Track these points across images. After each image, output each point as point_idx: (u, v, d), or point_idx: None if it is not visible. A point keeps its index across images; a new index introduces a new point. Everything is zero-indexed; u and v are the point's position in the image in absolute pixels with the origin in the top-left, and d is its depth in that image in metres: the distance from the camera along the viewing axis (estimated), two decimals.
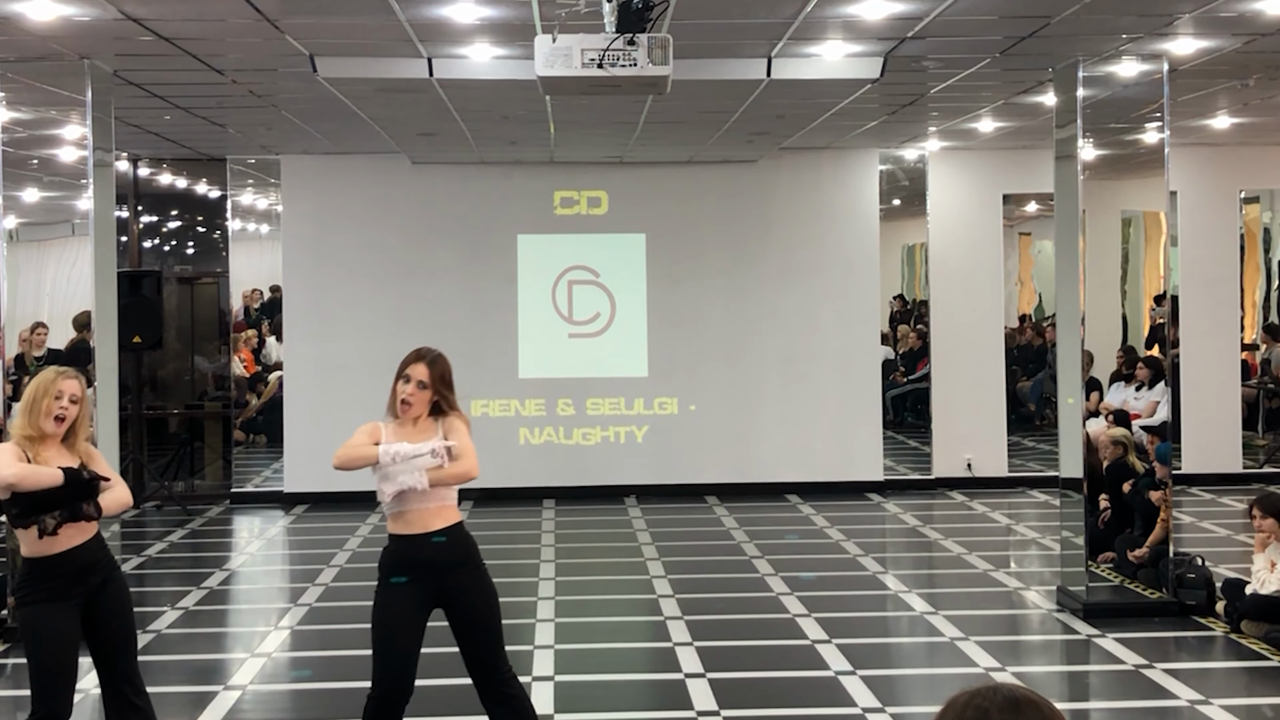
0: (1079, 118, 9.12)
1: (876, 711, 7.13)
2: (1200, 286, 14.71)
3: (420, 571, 5.54)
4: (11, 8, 7.47)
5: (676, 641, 8.53)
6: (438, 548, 5.54)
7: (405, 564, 5.56)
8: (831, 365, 14.61)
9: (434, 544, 5.54)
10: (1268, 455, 15.46)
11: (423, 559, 5.53)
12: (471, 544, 5.66)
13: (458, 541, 5.60)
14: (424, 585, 5.53)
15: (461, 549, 5.60)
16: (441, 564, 5.54)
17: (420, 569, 5.54)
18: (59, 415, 5.49)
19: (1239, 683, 7.92)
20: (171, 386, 16.08)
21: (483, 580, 5.63)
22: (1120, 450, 10.50)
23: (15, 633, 8.84)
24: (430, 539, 5.54)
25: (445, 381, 5.69)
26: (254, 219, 15.71)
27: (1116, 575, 10.02)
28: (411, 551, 5.55)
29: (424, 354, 5.70)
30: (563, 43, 6.27)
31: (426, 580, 5.54)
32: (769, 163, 14.53)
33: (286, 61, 8.96)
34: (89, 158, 9.01)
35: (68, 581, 5.46)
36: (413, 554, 5.54)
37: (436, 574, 5.54)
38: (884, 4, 7.68)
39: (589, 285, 14.58)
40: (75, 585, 5.49)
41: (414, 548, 5.54)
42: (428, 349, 5.76)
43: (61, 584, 5.45)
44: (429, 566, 5.53)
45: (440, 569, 5.55)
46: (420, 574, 5.53)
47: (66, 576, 5.46)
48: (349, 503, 13.56)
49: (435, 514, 5.56)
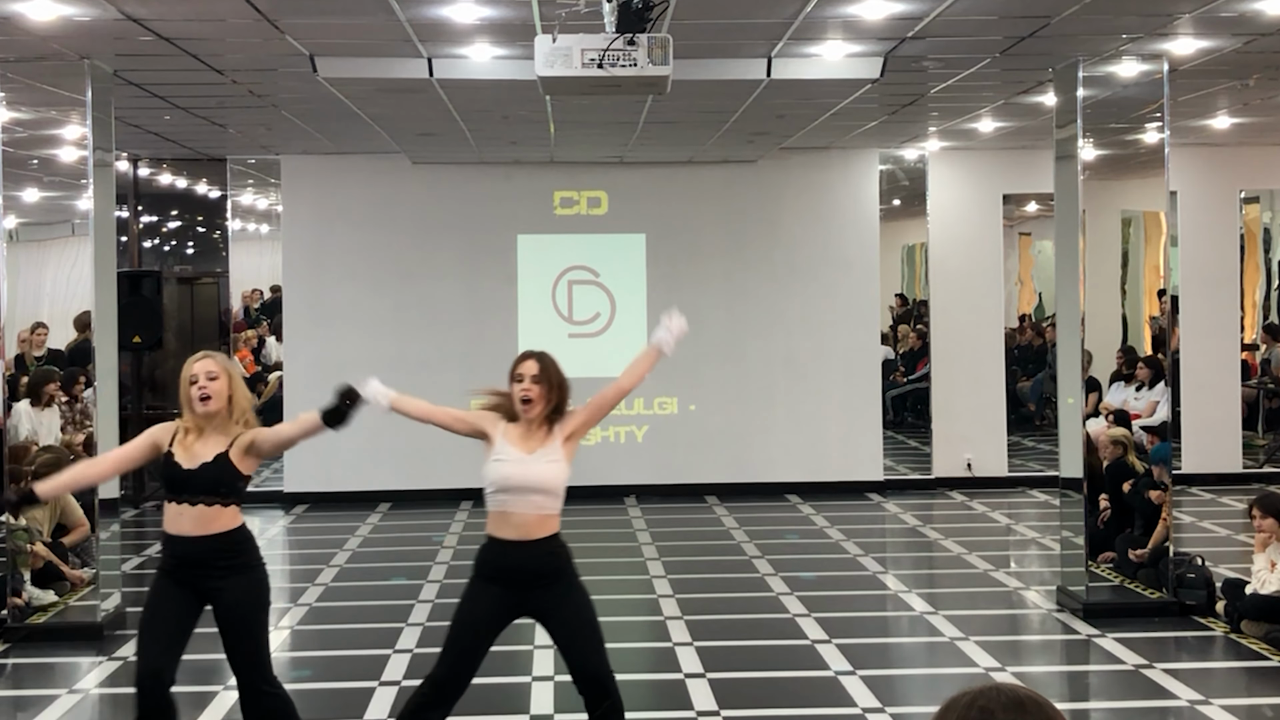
0: (1079, 118, 9.12)
1: (876, 711, 7.13)
2: (1200, 286, 14.71)
3: (507, 578, 5.48)
4: (11, 8, 7.47)
5: (676, 641, 8.54)
6: (527, 558, 5.46)
7: (493, 568, 5.50)
8: (832, 365, 14.60)
9: (523, 553, 5.46)
10: (1268, 455, 15.46)
11: (510, 566, 5.47)
12: (563, 558, 5.53)
13: (548, 554, 5.50)
14: (509, 593, 5.47)
15: (551, 563, 5.50)
16: (529, 576, 5.47)
17: (507, 576, 5.48)
18: (203, 395, 5.51)
19: (1239, 683, 7.92)
20: (171, 386, 16.07)
21: (573, 594, 5.50)
22: (1120, 450, 10.50)
23: (15, 632, 8.86)
24: (521, 547, 5.46)
25: (554, 375, 5.62)
26: (254, 219, 15.71)
27: (1116, 575, 10.02)
28: (502, 557, 5.49)
29: (531, 352, 5.70)
30: (563, 43, 6.27)
31: (512, 588, 5.47)
32: (769, 163, 14.53)
33: (286, 61, 8.95)
34: (89, 158, 9.00)
35: (175, 562, 5.56)
36: (502, 560, 5.49)
37: (523, 584, 5.47)
38: (884, 4, 7.67)
39: (589, 285, 14.58)
40: (182, 569, 5.54)
41: (504, 554, 5.48)
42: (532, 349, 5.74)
43: (170, 561, 5.57)
44: (517, 574, 5.47)
45: (528, 581, 5.47)
46: (506, 581, 5.48)
47: (173, 557, 5.57)
48: (349, 503, 13.56)
49: (534, 523, 5.47)
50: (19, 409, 10.31)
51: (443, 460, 14.15)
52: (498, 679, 7.91)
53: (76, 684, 7.91)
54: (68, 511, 9.98)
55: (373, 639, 8.70)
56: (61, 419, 10.78)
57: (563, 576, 5.52)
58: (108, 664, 8.30)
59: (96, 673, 8.13)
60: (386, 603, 9.71)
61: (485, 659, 5.64)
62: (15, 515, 5.48)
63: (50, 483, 5.72)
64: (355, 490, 13.61)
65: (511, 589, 5.48)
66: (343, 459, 13.70)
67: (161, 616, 5.52)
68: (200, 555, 5.48)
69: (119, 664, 8.30)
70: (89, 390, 9.59)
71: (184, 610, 5.54)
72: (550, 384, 5.60)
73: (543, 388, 5.58)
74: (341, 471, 14.04)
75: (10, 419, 9.94)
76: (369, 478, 14.07)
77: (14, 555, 9.22)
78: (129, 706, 7.85)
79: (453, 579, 10.57)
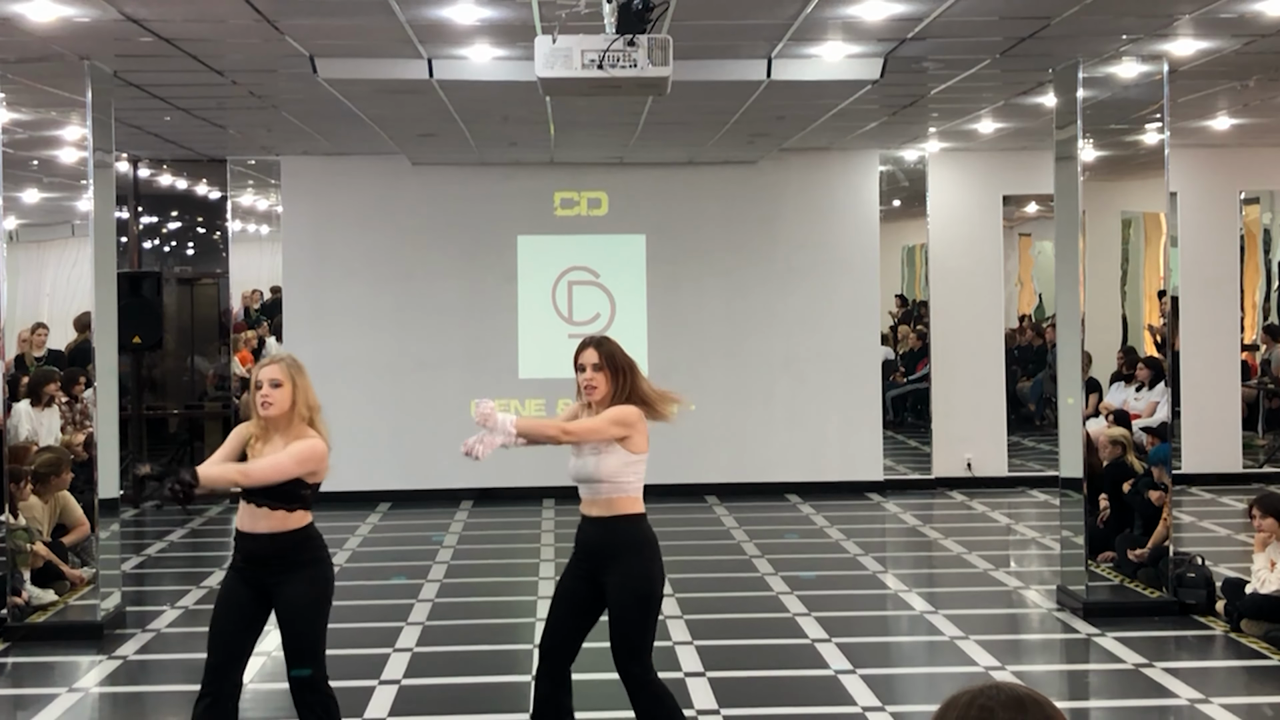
0: (1079, 119, 9.12)
1: (876, 710, 7.14)
2: (1200, 287, 14.71)
3: (579, 550, 5.83)
4: (11, 8, 7.48)
5: (676, 641, 8.54)
6: (589, 535, 5.77)
7: (577, 541, 5.87)
8: (832, 365, 14.61)
9: (587, 529, 5.78)
10: (1268, 455, 15.47)
11: (581, 540, 5.83)
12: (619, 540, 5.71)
13: (607, 529, 5.71)
14: (583, 561, 5.80)
15: (609, 539, 5.72)
16: (590, 551, 5.76)
17: (580, 548, 5.83)
18: (264, 403, 5.72)
19: (1239, 682, 7.93)
20: (171, 387, 16.09)
21: (629, 573, 5.68)
22: (1119, 450, 10.51)
23: (15, 632, 8.87)
24: (587, 523, 5.79)
25: (616, 360, 5.75)
26: (254, 220, 15.72)
27: (1116, 575, 10.02)
28: (579, 532, 5.85)
29: (590, 339, 5.82)
30: (563, 43, 6.28)
31: (584, 560, 5.79)
32: (769, 164, 14.53)
33: (286, 62, 8.96)
34: (89, 158, 9.00)
35: (242, 557, 5.69)
36: (579, 534, 5.84)
37: (590, 557, 5.76)
38: (884, 5, 7.68)
39: (589, 286, 14.58)
40: (248, 566, 5.66)
41: (580, 529, 5.83)
42: (592, 335, 5.90)
43: (238, 556, 5.71)
44: (583, 548, 5.81)
45: (591, 554, 5.76)
46: (579, 553, 5.83)
47: (240, 552, 5.70)
48: (349, 502, 13.56)
49: (598, 505, 5.73)
50: (19, 409, 10.32)
51: (443, 460, 14.17)
52: (498, 679, 7.93)
53: (76, 683, 7.92)
54: (67, 511, 9.99)
55: (373, 639, 8.70)
56: (61, 419, 10.79)
57: (618, 557, 5.70)
58: (108, 663, 8.30)
59: (96, 672, 8.14)
60: (386, 603, 9.72)
61: (490, 657, 5.64)
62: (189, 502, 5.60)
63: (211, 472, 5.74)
64: (355, 490, 13.60)
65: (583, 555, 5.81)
66: (343, 459, 13.68)
67: (228, 617, 5.68)
68: (262, 553, 5.62)
69: (119, 663, 8.31)
70: (89, 390, 9.60)
71: (249, 609, 5.67)
72: (613, 369, 5.73)
73: (605, 374, 5.72)
74: (341, 471, 13.99)
75: (10, 419, 9.94)
76: (369, 478, 14.07)
77: (14, 555, 9.22)
78: (129, 706, 7.88)
79: (453, 579, 10.59)
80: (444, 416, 14.13)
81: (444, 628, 9.05)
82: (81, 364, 10.69)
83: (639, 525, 5.71)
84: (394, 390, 14.37)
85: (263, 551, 5.60)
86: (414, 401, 14.33)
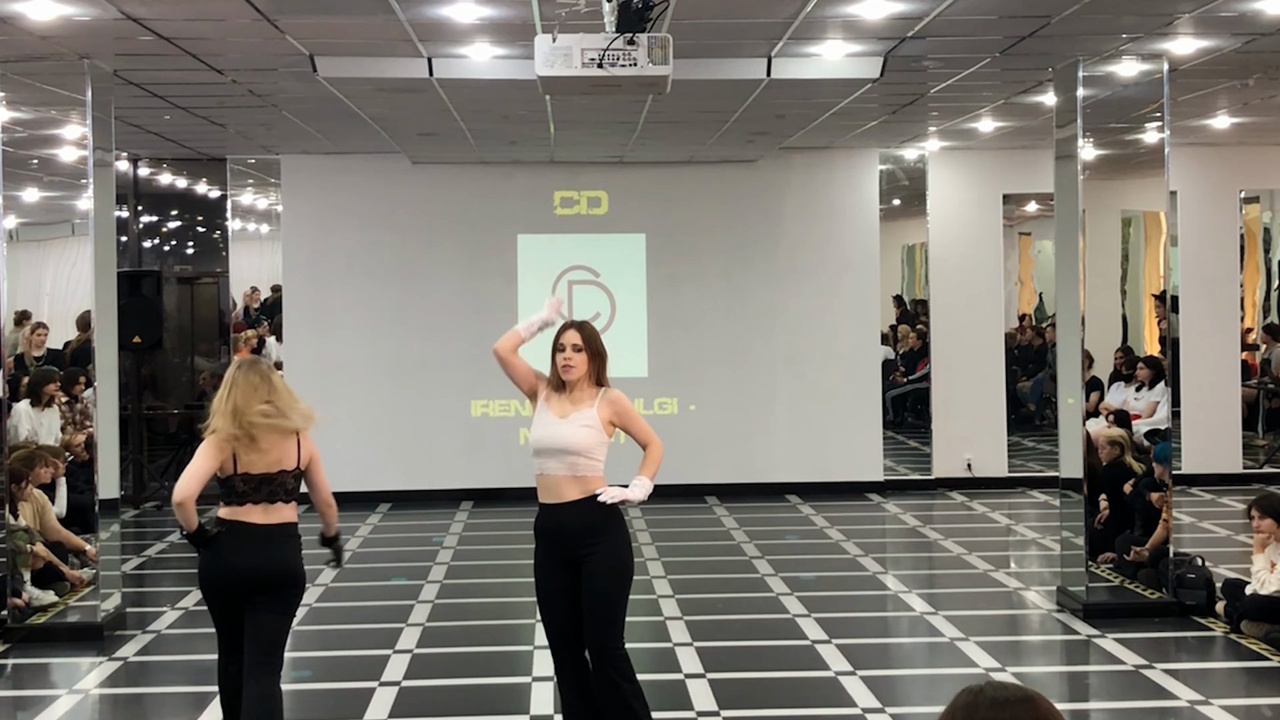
0: (1079, 118, 9.12)
1: (876, 712, 7.13)
2: (1200, 286, 14.71)
3: (549, 537, 5.87)
4: (11, 8, 7.47)
5: (676, 642, 8.53)
6: (563, 520, 5.80)
7: (540, 530, 5.91)
8: (832, 365, 14.60)
9: (560, 515, 5.80)
10: (1268, 455, 15.46)
11: (549, 529, 5.86)
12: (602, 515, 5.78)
13: (588, 509, 5.77)
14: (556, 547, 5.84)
15: (590, 518, 5.77)
16: (568, 536, 5.80)
17: (549, 536, 5.86)
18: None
19: (1239, 683, 7.92)
20: (171, 386, 16.08)
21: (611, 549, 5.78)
22: (1117, 450, 10.50)
23: (15, 632, 8.86)
24: (556, 510, 5.82)
25: (596, 347, 5.94)
26: (254, 219, 15.71)
27: (1116, 575, 10.02)
28: (544, 521, 5.88)
29: (573, 322, 6.01)
30: (563, 43, 6.27)
31: (556, 544, 5.84)
32: (769, 163, 14.53)
33: (286, 61, 8.95)
34: (89, 157, 8.99)
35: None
36: (544, 523, 5.88)
37: (566, 541, 5.80)
38: (884, 4, 7.67)
39: (589, 285, 14.57)
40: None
41: (546, 517, 5.87)
42: (574, 320, 6.07)
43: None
44: (557, 535, 5.83)
45: (569, 539, 5.80)
46: (550, 539, 5.86)
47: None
48: (349, 502, 13.53)
49: (565, 483, 5.79)
50: (19, 409, 10.32)
51: (443, 460, 14.17)
52: (498, 679, 7.92)
53: (76, 684, 7.91)
54: (45, 522, 9.82)
55: (373, 639, 8.70)
56: (61, 419, 10.79)
57: (600, 534, 5.79)
58: (108, 664, 8.30)
59: (96, 673, 8.13)
60: (386, 603, 9.71)
61: (491, 658, 5.64)
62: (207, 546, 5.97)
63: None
64: (355, 490, 13.59)
65: (556, 545, 5.85)
66: (343, 459, 13.70)
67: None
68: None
69: (119, 664, 8.31)
70: (89, 390, 9.59)
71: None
72: (591, 352, 5.93)
73: (584, 355, 5.91)
74: (341, 471, 14.02)
75: (10, 419, 9.94)
76: (369, 478, 14.07)
77: (14, 555, 9.22)
78: (130, 707, 7.88)
79: (453, 579, 10.58)
80: (444, 416, 14.13)
81: (444, 629, 9.04)
82: (81, 364, 10.68)
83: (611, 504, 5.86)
84: (394, 390, 14.36)
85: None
86: (414, 401, 14.32)
